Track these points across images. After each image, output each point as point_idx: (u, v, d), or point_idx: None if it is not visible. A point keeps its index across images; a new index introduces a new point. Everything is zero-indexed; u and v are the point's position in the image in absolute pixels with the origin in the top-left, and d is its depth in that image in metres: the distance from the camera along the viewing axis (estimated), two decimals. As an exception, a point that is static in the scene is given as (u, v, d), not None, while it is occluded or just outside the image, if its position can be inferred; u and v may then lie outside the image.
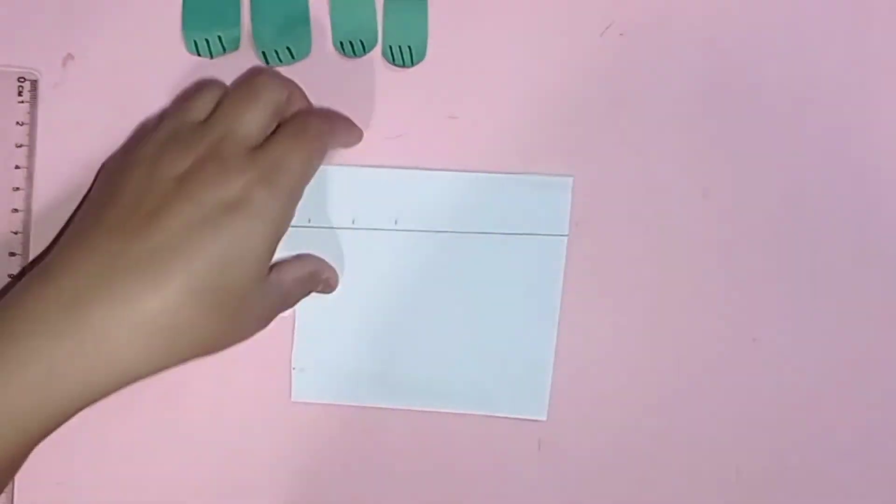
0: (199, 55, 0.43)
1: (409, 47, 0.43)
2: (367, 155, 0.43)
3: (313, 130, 0.38)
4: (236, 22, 0.43)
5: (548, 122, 0.44)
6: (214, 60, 0.43)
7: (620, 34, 0.44)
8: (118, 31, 0.43)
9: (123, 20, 0.43)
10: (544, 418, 0.44)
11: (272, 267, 0.38)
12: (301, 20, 0.43)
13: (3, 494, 0.38)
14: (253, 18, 0.43)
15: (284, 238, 0.37)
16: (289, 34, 0.43)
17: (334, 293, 0.43)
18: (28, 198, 0.42)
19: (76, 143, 0.43)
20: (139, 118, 0.43)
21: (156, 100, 0.43)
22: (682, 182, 0.44)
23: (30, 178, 0.42)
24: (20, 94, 0.42)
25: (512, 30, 0.44)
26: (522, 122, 0.44)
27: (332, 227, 0.43)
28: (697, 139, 0.44)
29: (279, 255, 0.38)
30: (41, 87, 0.43)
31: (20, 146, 0.42)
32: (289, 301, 0.41)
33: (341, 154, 0.43)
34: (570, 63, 0.44)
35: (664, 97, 0.44)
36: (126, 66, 0.43)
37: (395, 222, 0.43)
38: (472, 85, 0.44)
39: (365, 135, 0.43)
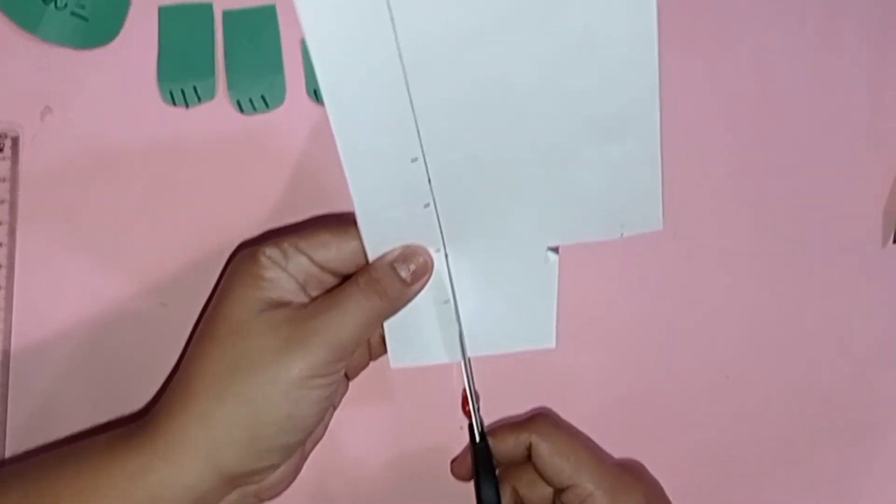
0: (174, 105, 0.44)
1: (382, 94, 0.44)
2: (342, 201, 0.44)
3: None
4: (211, 72, 0.44)
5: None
6: (190, 110, 0.44)
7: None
8: (95, 83, 0.44)
9: (100, 72, 0.44)
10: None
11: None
12: (274, 69, 0.44)
13: None
14: (227, 68, 0.44)
15: None
16: (263, 82, 0.44)
17: None
18: (11, 254, 0.43)
19: (56, 194, 0.44)
20: (118, 168, 0.44)
21: (133, 150, 0.44)
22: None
23: (12, 233, 0.43)
24: (1, 150, 0.43)
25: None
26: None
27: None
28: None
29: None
30: (21, 141, 0.44)
31: (2, 202, 0.43)
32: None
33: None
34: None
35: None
36: (103, 117, 0.44)
37: None
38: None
39: (339, 180, 0.43)
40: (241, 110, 0.44)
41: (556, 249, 0.39)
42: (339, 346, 0.36)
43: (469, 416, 0.41)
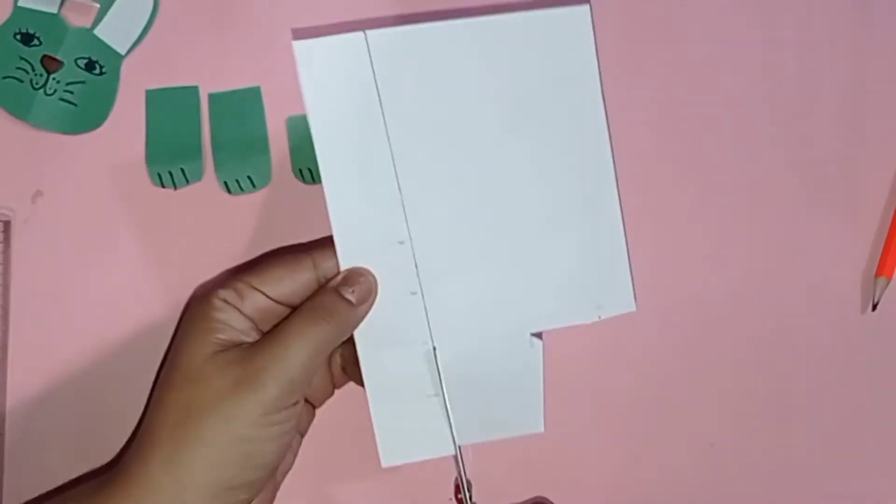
0: (163, 186, 0.45)
1: (367, 172, 0.45)
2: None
3: None
4: (198, 153, 0.45)
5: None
6: (179, 191, 0.45)
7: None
8: (85, 167, 0.45)
9: (89, 156, 0.45)
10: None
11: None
12: (260, 149, 0.45)
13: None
14: (214, 149, 0.45)
15: None
16: (249, 163, 0.45)
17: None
18: (4, 337, 0.44)
19: (47, 276, 0.44)
20: (108, 250, 0.44)
21: (124, 231, 0.45)
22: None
23: (5, 316, 0.44)
24: (-7, 236, 0.44)
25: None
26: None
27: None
28: (650, 248, 0.45)
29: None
30: (13, 224, 0.44)
31: (-6, 286, 0.44)
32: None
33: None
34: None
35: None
36: (93, 200, 0.45)
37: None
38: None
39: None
40: (229, 191, 0.45)
41: (539, 335, 0.40)
42: (288, 380, 0.37)
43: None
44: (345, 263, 0.39)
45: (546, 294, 0.40)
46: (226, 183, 0.45)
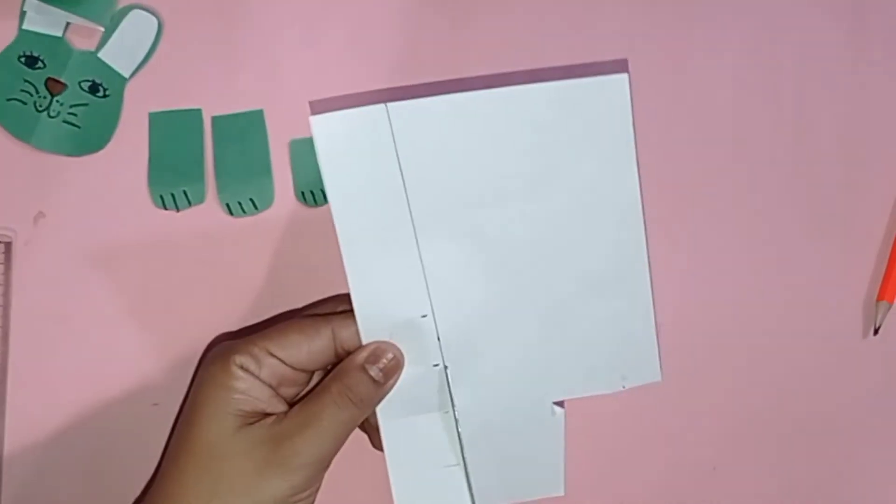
0: (165, 209, 0.45)
1: (369, 195, 0.45)
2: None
3: None
4: (200, 176, 0.45)
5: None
6: (181, 213, 0.45)
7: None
8: (87, 188, 0.45)
9: (92, 177, 0.45)
10: None
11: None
12: (263, 172, 0.45)
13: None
14: (216, 172, 0.45)
15: None
16: (251, 186, 0.45)
17: None
18: (4, 358, 0.43)
19: (48, 298, 0.44)
20: (110, 271, 0.44)
21: (125, 253, 0.45)
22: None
23: (5, 337, 0.44)
24: (-7, 257, 0.44)
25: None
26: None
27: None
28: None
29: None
30: (14, 246, 0.44)
31: (-5, 307, 0.43)
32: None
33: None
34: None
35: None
36: (95, 222, 0.45)
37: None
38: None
39: (328, 281, 0.44)
40: (231, 213, 0.45)
41: (561, 403, 0.40)
42: (318, 462, 0.37)
43: None
44: (367, 338, 0.38)
45: (572, 364, 0.40)
46: (228, 205, 0.45)
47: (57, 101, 0.44)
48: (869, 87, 0.46)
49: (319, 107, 0.38)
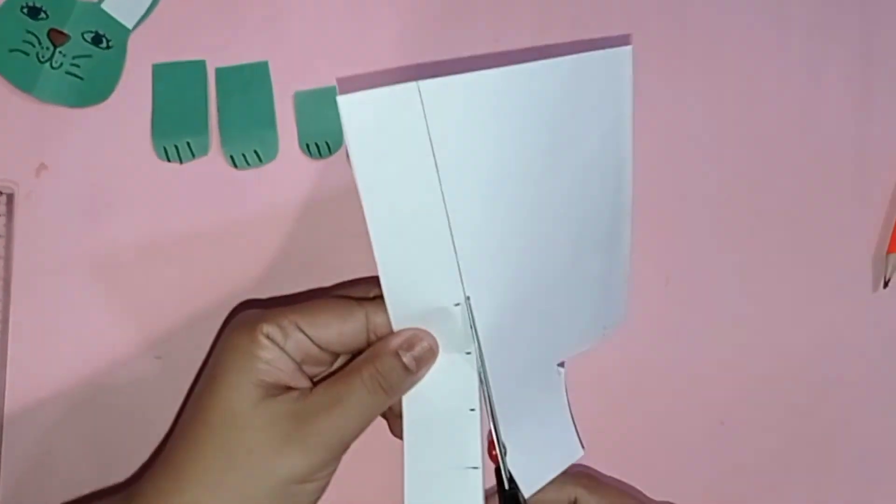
0: (169, 161, 0.44)
1: (374, 147, 0.44)
2: (335, 254, 0.44)
3: None
4: (204, 128, 0.44)
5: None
6: (184, 165, 0.44)
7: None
8: (89, 140, 0.44)
9: (94, 129, 0.44)
10: None
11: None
12: (267, 124, 0.45)
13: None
14: (220, 124, 0.45)
15: None
16: (256, 138, 0.44)
17: None
18: (6, 310, 0.43)
19: (50, 250, 0.44)
20: (112, 223, 0.44)
21: (128, 205, 0.44)
22: (645, 270, 0.45)
23: (7, 289, 0.43)
24: (-5, 207, 0.43)
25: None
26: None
27: None
28: (661, 228, 0.45)
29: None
30: (16, 198, 0.44)
31: (-3, 258, 0.43)
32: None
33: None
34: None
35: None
36: (98, 174, 0.44)
37: None
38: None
39: (333, 234, 0.44)
40: (235, 165, 0.44)
41: (561, 364, 0.41)
42: (340, 444, 0.35)
43: (496, 461, 0.38)
44: (398, 324, 0.37)
45: (571, 325, 0.40)
46: (232, 157, 0.44)
47: (60, 53, 0.44)
48: (879, 43, 0.46)
49: (347, 85, 0.36)
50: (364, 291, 0.39)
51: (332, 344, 0.37)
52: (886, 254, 0.44)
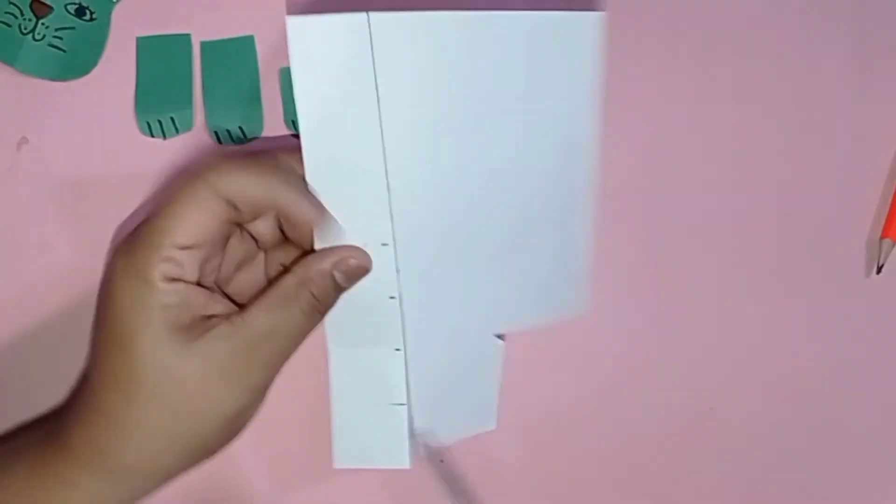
0: (152, 136, 0.44)
1: (360, 124, 0.44)
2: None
3: None
4: (188, 103, 0.44)
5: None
6: (168, 141, 0.44)
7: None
8: (71, 114, 0.44)
9: (77, 102, 0.44)
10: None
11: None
12: (252, 99, 0.44)
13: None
14: (205, 98, 0.44)
15: None
16: (241, 113, 0.44)
17: None
18: (-18, 284, 0.42)
19: (31, 225, 0.43)
20: (93, 200, 0.43)
21: (110, 181, 0.43)
22: (633, 254, 0.44)
23: (-15, 263, 0.43)
24: (-27, 180, 0.43)
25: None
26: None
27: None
28: (650, 212, 0.44)
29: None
30: (-5, 171, 0.43)
31: (-26, 232, 0.42)
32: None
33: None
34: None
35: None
36: (80, 148, 0.44)
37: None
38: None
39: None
40: (219, 141, 0.44)
41: (502, 337, 0.40)
42: (279, 368, 0.35)
43: None
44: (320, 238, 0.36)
45: (516, 294, 0.39)
46: (216, 133, 0.44)
47: (42, 24, 0.43)
48: (874, 26, 0.45)
49: (297, 10, 0.36)
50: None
51: (214, 236, 0.34)
52: (880, 238, 0.44)
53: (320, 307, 0.35)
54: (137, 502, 0.35)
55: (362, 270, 0.36)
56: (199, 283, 0.35)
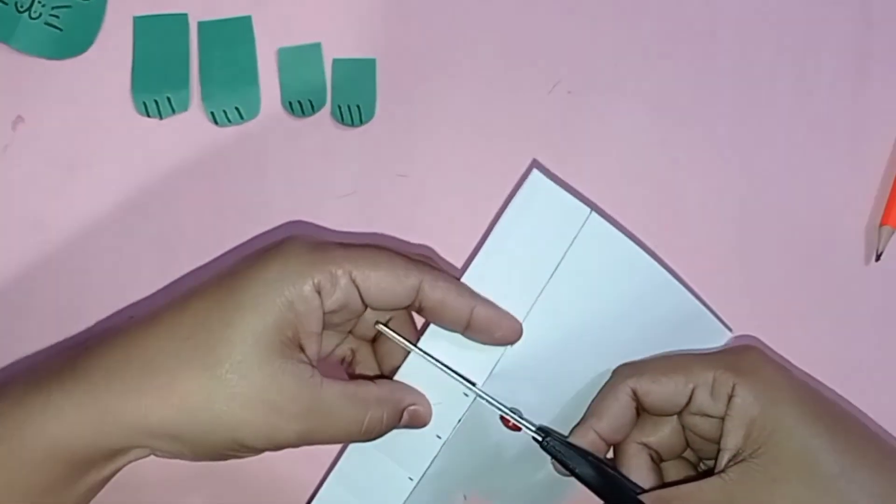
0: (148, 116, 0.43)
1: (358, 106, 0.43)
2: (317, 215, 0.43)
3: None
4: (185, 83, 0.43)
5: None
6: (164, 121, 0.43)
7: (568, 91, 0.44)
8: (68, 93, 0.43)
9: (73, 82, 0.43)
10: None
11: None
12: (249, 80, 0.44)
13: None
14: (202, 79, 0.44)
15: None
16: (237, 94, 0.43)
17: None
18: (-22, 263, 0.42)
19: (27, 204, 0.43)
20: (90, 179, 0.43)
21: (105, 161, 0.43)
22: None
23: (-20, 242, 0.42)
24: (-32, 158, 0.42)
25: (460, 87, 0.44)
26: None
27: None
28: (647, 197, 0.44)
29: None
30: (-10, 150, 0.43)
31: (-31, 210, 0.42)
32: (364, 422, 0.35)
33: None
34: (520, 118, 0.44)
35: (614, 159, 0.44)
36: (76, 128, 0.43)
37: None
38: (421, 143, 0.44)
39: (314, 194, 0.43)
40: (216, 122, 0.43)
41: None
42: (296, 444, 0.34)
43: (517, 429, 0.38)
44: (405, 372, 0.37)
45: None
46: (213, 114, 0.43)
47: (39, 3, 0.43)
48: (876, 13, 0.45)
49: (543, 168, 0.41)
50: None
51: (376, 302, 0.35)
52: (879, 226, 0.43)
53: (375, 430, 0.35)
54: (106, 451, 0.33)
55: (421, 423, 0.37)
56: (323, 321, 0.35)
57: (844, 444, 0.34)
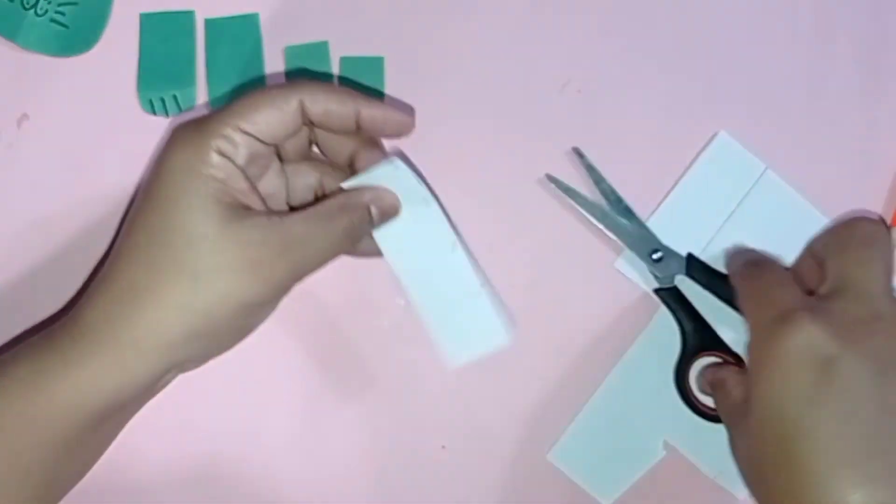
0: (154, 114, 0.43)
1: (366, 105, 0.43)
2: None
3: None
4: (191, 80, 0.43)
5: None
6: (170, 119, 0.43)
7: (578, 91, 0.44)
8: (73, 91, 0.43)
9: (79, 80, 0.43)
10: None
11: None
12: (256, 79, 0.43)
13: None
14: (208, 76, 0.43)
15: None
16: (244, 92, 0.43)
17: None
18: (-17, 261, 0.42)
19: (30, 202, 0.43)
20: (94, 177, 0.43)
21: (111, 159, 0.43)
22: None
23: (-15, 240, 0.42)
24: (-26, 156, 0.42)
25: (469, 86, 0.44)
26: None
27: None
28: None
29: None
30: (-5, 147, 0.43)
31: (-25, 209, 0.42)
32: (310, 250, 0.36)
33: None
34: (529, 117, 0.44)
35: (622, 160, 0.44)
36: (81, 125, 0.43)
37: None
38: (429, 142, 0.43)
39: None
40: (222, 120, 0.43)
41: None
42: (300, 278, 0.36)
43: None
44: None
45: None
46: (219, 111, 0.43)
47: (44, 0, 0.43)
48: (888, 9, 0.45)
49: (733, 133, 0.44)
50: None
51: (274, 137, 0.36)
52: (890, 226, 0.43)
53: (354, 234, 0.36)
54: (137, 387, 0.34)
55: (394, 210, 0.38)
56: (244, 176, 0.35)
57: None
